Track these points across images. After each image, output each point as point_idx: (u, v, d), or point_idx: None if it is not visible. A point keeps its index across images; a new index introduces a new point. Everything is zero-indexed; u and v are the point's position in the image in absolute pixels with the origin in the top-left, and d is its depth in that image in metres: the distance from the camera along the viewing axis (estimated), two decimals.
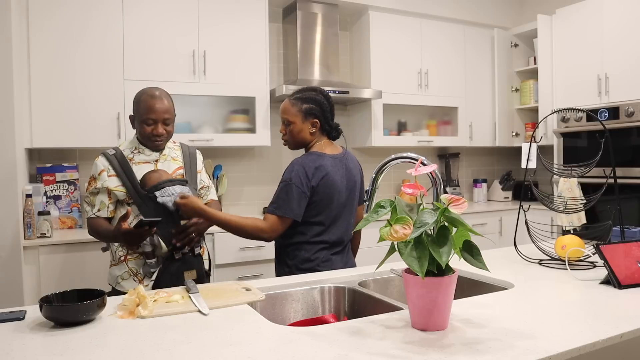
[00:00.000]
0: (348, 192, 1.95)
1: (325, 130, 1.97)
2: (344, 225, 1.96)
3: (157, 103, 1.91)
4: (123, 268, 1.91)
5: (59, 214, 3.03)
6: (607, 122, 3.49)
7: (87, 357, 0.99)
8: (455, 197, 1.09)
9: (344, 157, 1.98)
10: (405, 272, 1.13)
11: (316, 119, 1.93)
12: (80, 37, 2.92)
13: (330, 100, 1.98)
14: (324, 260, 1.89)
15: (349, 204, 1.97)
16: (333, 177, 1.88)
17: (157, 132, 1.93)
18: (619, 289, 1.42)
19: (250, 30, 3.39)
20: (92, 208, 1.93)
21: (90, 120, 2.94)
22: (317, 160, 1.88)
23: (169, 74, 3.12)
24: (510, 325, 1.14)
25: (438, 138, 4.19)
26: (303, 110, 1.93)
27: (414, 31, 4.02)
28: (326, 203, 1.88)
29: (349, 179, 1.96)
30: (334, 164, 1.91)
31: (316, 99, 1.94)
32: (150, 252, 1.87)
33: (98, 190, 1.91)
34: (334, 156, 1.94)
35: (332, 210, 1.90)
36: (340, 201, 1.92)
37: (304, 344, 1.04)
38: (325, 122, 1.95)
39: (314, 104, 1.93)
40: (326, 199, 1.87)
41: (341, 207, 1.93)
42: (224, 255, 3.00)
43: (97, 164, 1.94)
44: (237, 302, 1.35)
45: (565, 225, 2.67)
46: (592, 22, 3.69)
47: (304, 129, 1.94)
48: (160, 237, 1.86)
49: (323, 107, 1.94)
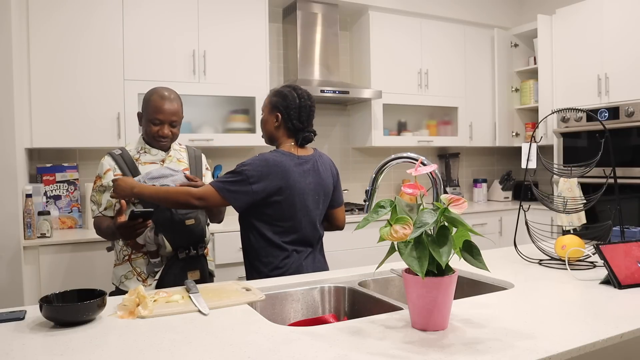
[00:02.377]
0: (316, 194, 1.90)
1: (289, 129, 1.90)
2: (309, 228, 1.90)
3: (166, 104, 1.92)
4: (127, 267, 1.91)
5: (59, 214, 3.03)
6: (607, 122, 3.49)
7: (87, 357, 0.99)
8: (455, 197, 1.09)
9: (314, 159, 1.93)
10: (405, 272, 1.13)
11: (279, 112, 1.90)
12: (80, 37, 2.92)
13: (304, 100, 1.91)
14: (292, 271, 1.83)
15: (317, 207, 1.91)
16: (294, 177, 1.83)
17: (163, 133, 1.93)
18: (619, 289, 1.42)
19: (250, 30, 3.40)
20: (99, 207, 1.93)
21: (90, 120, 2.94)
22: (279, 157, 1.83)
23: (168, 74, 3.12)
24: (510, 325, 1.14)
25: (438, 138, 4.19)
26: (271, 102, 1.93)
27: (414, 31, 4.02)
28: (287, 204, 1.82)
29: (318, 182, 1.91)
30: (297, 165, 1.86)
31: (284, 93, 1.91)
32: (154, 252, 1.87)
33: (104, 189, 1.91)
34: (302, 157, 1.89)
35: (294, 213, 1.84)
36: (305, 203, 1.86)
37: (304, 344, 1.04)
38: (289, 119, 1.89)
39: (280, 98, 1.91)
40: (286, 200, 1.81)
41: (306, 210, 1.87)
42: (224, 255, 3.00)
43: (103, 163, 1.95)
44: (237, 302, 1.35)
45: (565, 225, 2.67)
46: (592, 22, 3.69)
47: (269, 120, 1.93)
48: (165, 237, 1.86)
49: (288, 103, 1.89)
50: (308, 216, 1.89)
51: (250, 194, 1.77)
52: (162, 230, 1.86)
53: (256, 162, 1.80)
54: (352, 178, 4.15)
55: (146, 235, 1.85)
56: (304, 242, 1.90)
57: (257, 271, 1.87)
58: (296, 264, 1.86)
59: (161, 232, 1.86)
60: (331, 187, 1.99)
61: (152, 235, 1.86)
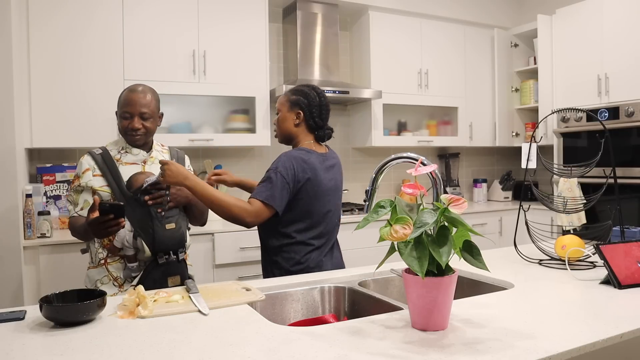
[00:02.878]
0: (333, 191, 1.96)
1: (310, 127, 1.96)
2: (330, 224, 1.97)
3: (134, 96, 1.85)
4: (102, 272, 1.86)
5: (59, 214, 3.03)
6: (607, 122, 3.49)
7: (87, 357, 0.99)
8: (455, 197, 1.09)
9: (332, 156, 2.02)
10: (405, 272, 1.13)
11: (300, 110, 1.94)
12: (81, 37, 2.92)
13: (323, 99, 1.98)
14: (312, 266, 1.88)
15: (335, 203, 1.98)
16: (320, 174, 1.89)
17: (133, 125, 1.84)
18: (619, 289, 1.42)
19: (250, 30, 3.39)
20: (75, 207, 1.88)
21: (90, 120, 2.94)
22: (305, 155, 1.89)
23: (169, 74, 3.12)
24: (510, 325, 1.14)
25: (438, 138, 4.19)
26: (290, 100, 1.96)
27: (414, 31, 4.02)
28: (313, 200, 1.88)
29: (337, 179, 1.99)
30: (321, 162, 1.93)
31: (305, 91, 1.96)
32: (131, 256, 1.82)
33: (82, 189, 1.86)
34: (321, 154, 1.95)
35: (319, 209, 1.90)
36: (327, 199, 1.93)
37: (304, 344, 1.04)
38: (310, 116, 1.94)
39: (301, 96, 1.95)
40: (313, 196, 1.87)
41: (327, 205, 1.93)
42: (224, 255, 3.00)
43: (82, 162, 1.89)
44: (237, 302, 1.35)
45: (565, 225, 2.67)
46: (592, 22, 3.69)
47: (288, 118, 1.96)
48: (144, 241, 1.81)
49: (310, 101, 1.94)
50: (330, 212, 1.95)
51: (288, 190, 1.81)
52: (142, 234, 1.81)
53: (283, 159, 1.84)
54: (352, 178, 4.15)
55: (124, 239, 1.80)
56: (324, 238, 1.96)
57: (278, 267, 1.89)
58: (317, 260, 1.91)
59: (140, 236, 1.81)
60: (341, 183, 2.06)
61: (130, 239, 1.80)
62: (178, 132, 3.25)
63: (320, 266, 1.90)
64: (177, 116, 3.36)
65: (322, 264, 1.92)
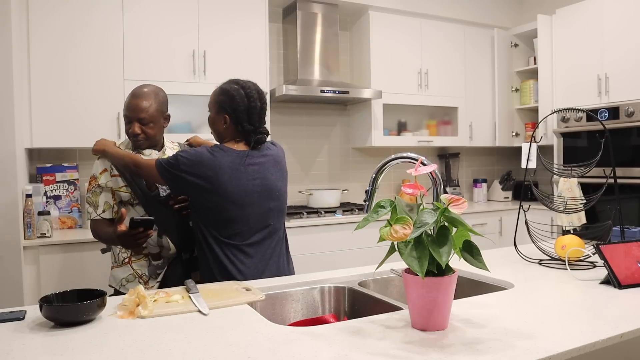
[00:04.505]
0: (254, 192, 1.73)
1: (239, 132, 1.76)
2: (255, 226, 1.75)
3: (134, 101, 1.83)
4: (127, 270, 1.89)
5: (59, 214, 3.03)
6: (607, 122, 3.49)
7: (87, 357, 0.99)
8: (455, 197, 1.09)
9: (253, 155, 1.76)
10: (405, 272, 1.13)
11: (226, 114, 1.75)
12: (80, 37, 2.92)
13: (254, 100, 1.76)
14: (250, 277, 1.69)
15: (260, 205, 1.75)
16: (228, 173, 1.68)
17: (133, 130, 1.84)
18: (619, 289, 1.42)
19: (250, 30, 3.39)
20: (96, 209, 1.87)
21: (90, 120, 2.94)
22: (219, 153, 1.69)
23: (169, 74, 3.12)
24: (510, 325, 1.14)
25: (438, 138, 4.19)
26: (217, 102, 1.79)
27: (414, 31, 4.02)
28: (223, 201, 1.68)
29: (261, 177, 1.75)
30: (242, 161, 1.71)
31: (232, 93, 1.75)
32: (156, 254, 1.86)
33: (101, 190, 1.87)
34: (242, 152, 1.73)
35: (232, 210, 1.70)
36: (249, 201, 1.71)
37: (304, 344, 1.04)
38: (238, 122, 1.74)
39: (226, 97, 1.76)
40: (223, 195, 1.67)
41: (251, 208, 1.72)
42: None
43: (97, 163, 1.90)
44: (237, 302, 1.35)
45: (565, 225, 2.67)
46: (592, 22, 3.69)
47: (216, 121, 1.79)
48: (170, 239, 1.85)
49: (236, 105, 1.74)
50: (255, 212, 1.74)
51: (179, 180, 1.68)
52: (167, 232, 1.85)
53: (193, 150, 1.70)
54: (352, 178, 4.15)
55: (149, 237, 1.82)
56: (254, 240, 1.77)
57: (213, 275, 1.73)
58: (253, 270, 1.74)
59: (165, 234, 1.84)
60: (278, 183, 1.81)
61: (155, 237, 1.84)
62: (178, 132, 3.25)
63: (243, 275, 1.71)
64: (177, 116, 3.36)
65: (249, 273, 1.72)
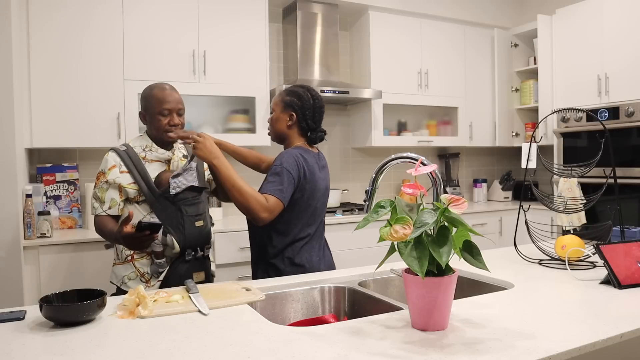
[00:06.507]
0: (324, 190, 1.98)
1: (303, 129, 1.96)
2: (322, 224, 2.01)
3: (170, 94, 1.92)
4: (129, 268, 1.88)
5: (59, 214, 3.03)
6: (607, 122, 3.49)
7: (87, 357, 0.99)
8: (455, 197, 1.09)
9: (322, 157, 2.04)
10: (405, 272, 1.13)
11: (294, 112, 1.94)
12: (81, 37, 2.92)
13: (317, 101, 1.97)
14: (308, 267, 1.89)
15: (324, 202, 2.00)
16: (317, 173, 1.92)
17: (174, 121, 1.91)
18: (619, 289, 1.42)
19: (250, 30, 3.40)
20: (102, 205, 1.87)
21: (90, 120, 2.94)
22: (305, 153, 1.91)
23: (169, 74, 3.12)
24: (510, 325, 1.14)
25: (438, 138, 4.19)
26: (284, 101, 1.96)
27: (414, 31, 4.02)
28: (310, 198, 1.89)
29: (325, 178, 2.00)
30: (316, 161, 1.96)
31: (299, 93, 1.95)
32: (159, 252, 1.85)
33: (108, 186, 1.86)
34: (315, 154, 1.99)
35: (315, 206, 1.92)
36: (320, 198, 1.95)
37: (304, 344, 1.04)
38: (303, 119, 1.94)
39: (295, 98, 1.95)
40: (311, 193, 1.89)
41: (320, 204, 1.96)
42: (224, 255, 3.00)
43: (107, 159, 1.88)
44: (237, 302, 1.35)
45: (565, 225, 2.67)
46: (592, 22, 3.69)
47: (281, 119, 1.96)
48: (175, 238, 1.84)
49: (304, 103, 1.94)
50: (322, 211, 1.98)
51: (293, 185, 1.82)
52: (172, 231, 1.84)
53: (286, 156, 1.85)
54: (352, 178, 4.15)
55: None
56: (319, 237, 1.98)
57: (274, 268, 1.88)
58: (311, 259, 1.91)
59: (171, 233, 1.84)
60: (329, 186, 2.08)
61: (160, 236, 1.83)
62: None
63: (314, 265, 1.91)
64: None
65: (317, 263, 1.93)
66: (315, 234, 1.96)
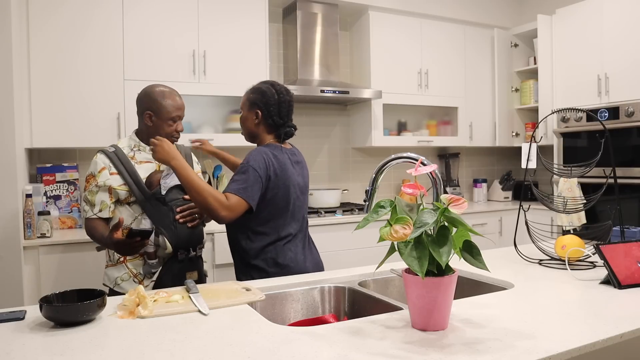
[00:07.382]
0: (302, 187, 1.96)
1: (270, 126, 1.92)
2: (304, 221, 1.98)
3: (181, 102, 1.97)
4: (122, 269, 1.88)
5: (59, 214, 3.03)
6: (607, 122, 3.49)
7: (87, 357, 0.99)
8: (455, 197, 1.09)
9: (296, 152, 2.01)
10: (405, 272, 1.13)
11: (259, 109, 1.91)
12: (80, 37, 2.92)
13: (283, 96, 1.93)
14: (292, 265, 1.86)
15: (303, 199, 1.98)
16: (290, 169, 1.88)
17: (180, 128, 1.96)
18: (619, 289, 1.42)
19: (250, 30, 3.40)
20: (93, 208, 1.87)
21: (90, 120, 2.94)
22: (275, 150, 1.88)
23: (168, 74, 3.12)
24: (510, 325, 1.14)
25: (438, 138, 4.19)
26: (249, 99, 1.95)
27: (414, 31, 4.02)
28: (286, 195, 1.86)
29: (301, 174, 1.97)
30: (289, 157, 1.93)
31: (262, 90, 1.92)
32: (151, 252, 1.86)
33: (99, 189, 1.86)
34: (288, 150, 1.96)
35: (292, 203, 1.89)
36: (297, 194, 1.92)
37: (304, 344, 1.04)
38: (269, 115, 1.90)
39: (259, 95, 1.92)
40: (285, 191, 1.85)
41: (298, 201, 1.93)
42: (224, 255, 3.00)
43: (96, 161, 1.88)
44: (237, 302, 1.35)
45: (565, 225, 2.67)
46: (592, 22, 3.69)
47: (248, 118, 1.95)
48: (167, 238, 1.84)
49: (267, 99, 1.90)
50: (301, 208, 1.95)
51: (260, 185, 1.79)
52: (164, 231, 1.84)
53: (254, 154, 1.82)
54: (352, 178, 4.15)
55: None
56: (301, 234, 1.96)
57: (257, 269, 1.86)
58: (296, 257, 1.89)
59: (163, 233, 1.84)
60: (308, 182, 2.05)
61: (152, 238, 1.84)
62: None
63: (299, 265, 1.88)
64: None
65: (303, 262, 1.90)
66: (298, 233, 1.93)
